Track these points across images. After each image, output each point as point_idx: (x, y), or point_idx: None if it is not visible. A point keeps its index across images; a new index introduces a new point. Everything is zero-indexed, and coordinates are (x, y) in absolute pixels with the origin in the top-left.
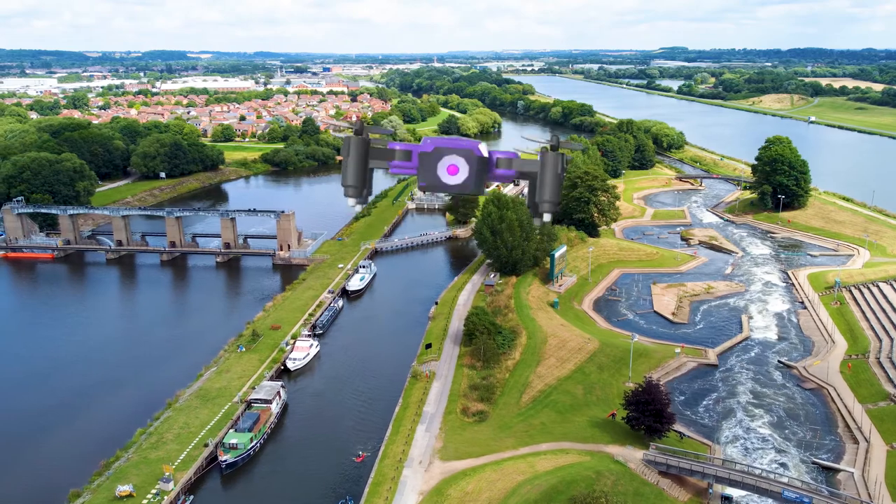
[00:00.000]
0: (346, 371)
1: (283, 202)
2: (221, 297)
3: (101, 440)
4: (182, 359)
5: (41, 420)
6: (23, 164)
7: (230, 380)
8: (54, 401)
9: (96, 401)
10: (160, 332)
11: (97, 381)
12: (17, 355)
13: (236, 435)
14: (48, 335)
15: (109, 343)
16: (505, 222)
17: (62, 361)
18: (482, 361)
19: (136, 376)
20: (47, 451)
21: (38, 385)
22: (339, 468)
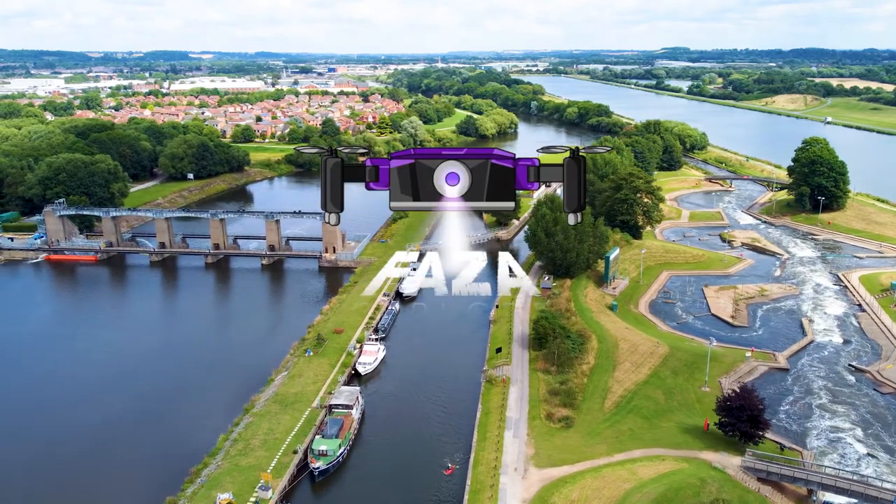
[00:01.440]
0: (414, 374)
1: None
2: (272, 300)
3: (181, 446)
4: (247, 363)
5: (119, 427)
6: (58, 166)
7: (304, 385)
8: (128, 406)
9: (170, 406)
10: (218, 336)
11: (166, 386)
12: (85, 360)
13: (325, 441)
14: (109, 339)
15: (169, 347)
16: (559, 224)
17: (128, 366)
18: (556, 366)
19: (203, 381)
20: (132, 458)
21: (107, 391)
22: (430, 475)
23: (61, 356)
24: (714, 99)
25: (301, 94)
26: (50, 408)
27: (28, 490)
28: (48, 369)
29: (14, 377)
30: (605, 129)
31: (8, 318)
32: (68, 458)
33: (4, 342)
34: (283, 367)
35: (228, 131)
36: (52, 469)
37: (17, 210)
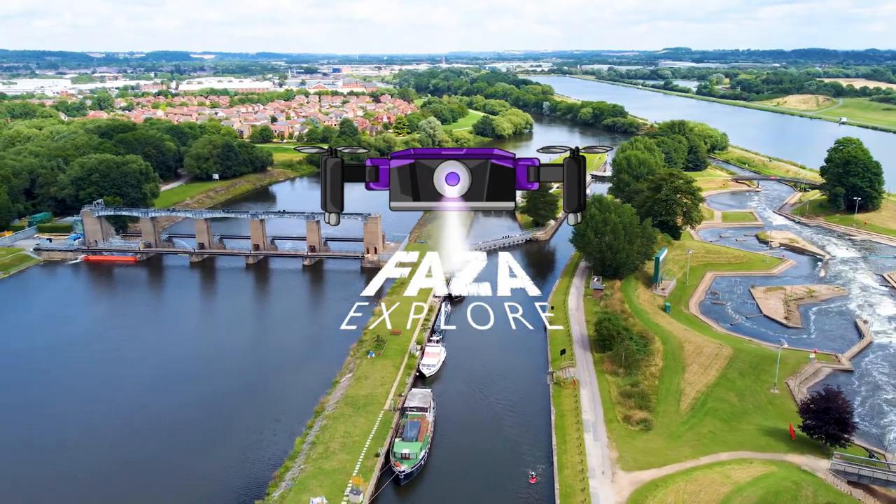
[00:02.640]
0: (477, 376)
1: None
2: (318, 300)
3: (256, 449)
4: (306, 365)
5: (189, 429)
6: (91, 167)
7: (372, 387)
8: (195, 409)
9: (236, 408)
10: (270, 337)
11: (229, 389)
12: (142, 363)
13: (406, 444)
14: (161, 341)
15: (223, 350)
16: (609, 225)
17: (184, 369)
18: (624, 368)
19: (264, 383)
20: (209, 462)
21: (169, 394)
22: (513, 480)
23: (116, 359)
24: (724, 99)
25: (311, 94)
26: (117, 413)
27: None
28: (106, 373)
29: (74, 381)
30: (620, 130)
31: (57, 319)
32: (145, 464)
33: (56, 344)
34: (345, 368)
35: (245, 132)
36: (131, 476)
37: (50, 210)
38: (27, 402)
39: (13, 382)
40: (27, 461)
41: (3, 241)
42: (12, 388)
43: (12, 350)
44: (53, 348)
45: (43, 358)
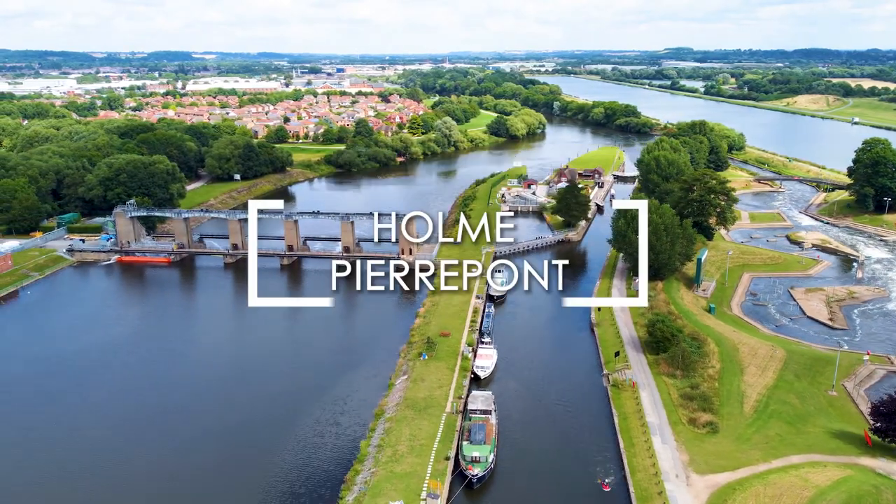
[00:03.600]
0: (530, 377)
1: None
2: (359, 301)
3: (321, 451)
4: (358, 367)
5: (250, 432)
6: (118, 167)
7: (430, 389)
8: (253, 411)
9: (293, 410)
10: (316, 339)
11: (286, 390)
12: (195, 364)
13: (476, 447)
14: (208, 343)
15: (272, 351)
16: (650, 225)
17: (237, 371)
18: (681, 370)
19: (318, 385)
20: (274, 463)
21: (226, 396)
22: (582, 482)
23: (163, 361)
24: (733, 99)
25: (319, 94)
26: (175, 416)
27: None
28: (153, 374)
29: (127, 382)
30: (633, 130)
31: (100, 320)
32: (209, 469)
33: (104, 346)
34: (398, 370)
35: (260, 132)
36: (196, 483)
37: (77, 211)
38: (86, 402)
39: (72, 384)
40: (98, 462)
41: (34, 241)
42: (71, 390)
43: (63, 352)
44: (102, 349)
45: (95, 359)
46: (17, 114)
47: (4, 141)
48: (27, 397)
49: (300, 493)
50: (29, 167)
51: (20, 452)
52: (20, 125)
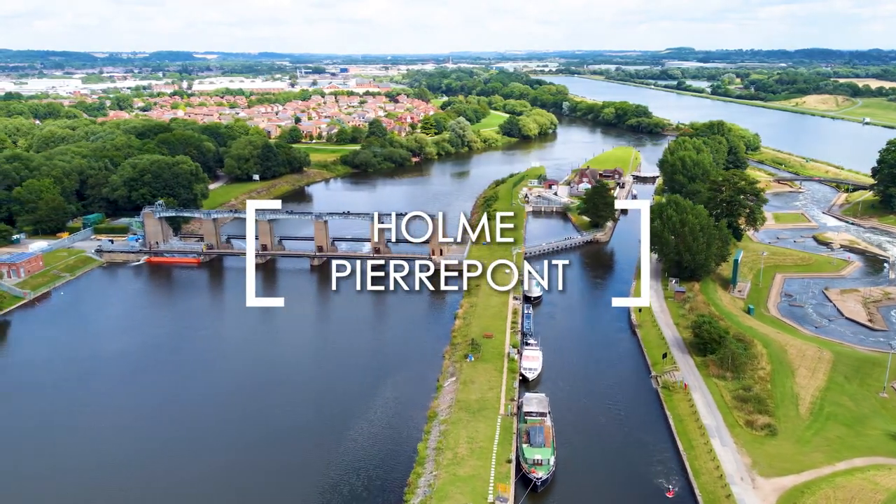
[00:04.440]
0: (577, 379)
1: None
2: (394, 302)
3: (375, 453)
4: (402, 368)
5: (304, 435)
6: (143, 167)
7: (481, 391)
8: (302, 413)
9: (344, 413)
10: (356, 340)
11: (328, 392)
12: (240, 366)
13: (537, 450)
14: (250, 345)
15: (313, 352)
16: (686, 226)
17: (281, 373)
18: (731, 372)
19: (364, 387)
20: (331, 465)
21: (274, 397)
22: (643, 484)
23: (210, 364)
24: (740, 99)
25: (326, 94)
26: (223, 420)
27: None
28: (206, 379)
29: (175, 383)
30: (645, 130)
31: (140, 322)
32: (270, 470)
33: (148, 347)
34: (446, 372)
35: (273, 132)
36: (258, 485)
37: (102, 211)
38: (134, 403)
39: (118, 385)
40: (155, 464)
41: (62, 242)
42: (117, 391)
43: (104, 353)
44: (144, 351)
45: (137, 361)
46: (28, 114)
47: (20, 141)
48: (74, 397)
49: (362, 497)
50: (52, 167)
51: (75, 454)
52: (34, 125)
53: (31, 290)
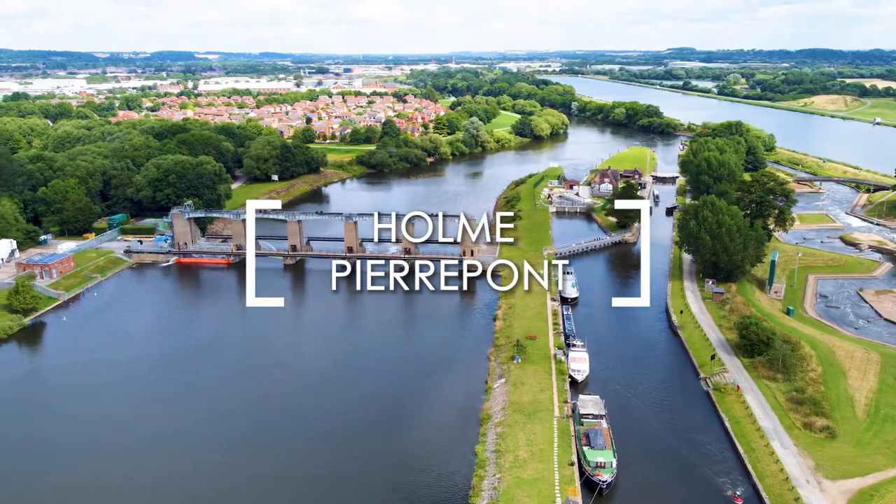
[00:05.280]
0: (624, 380)
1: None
2: (429, 303)
3: (431, 455)
4: (447, 370)
5: (359, 437)
6: (167, 168)
7: (533, 393)
8: (351, 415)
9: (395, 415)
10: (395, 342)
11: (375, 394)
12: (282, 366)
13: (599, 453)
14: (293, 346)
15: (361, 354)
16: (723, 227)
17: (326, 375)
18: (781, 373)
19: (416, 388)
20: (387, 467)
21: (321, 400)
22: (707, 486)
23: (255, 366)
24: (748, 100)
25: (334, 94)
26: (276, 422)
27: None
28: (253, 381)
29: (223, 385)
30: (656, 130)
31: (178, 323)
32: (327, 473)
33: (191, 348)
34: (493, 374)
35: (286, 132)
36: (320, 489)
37: (126, 212)
38: (188, 404)
39: (165, 385)
40: (218, 465)
41: (90, 243)
42: (164, 392)
43: (146, 354)
44: (187, 352)
45: (182, 362)
46: (38, 114)
47: (34, 141)
48: (131, 401)
49: (428, 498)
50: (76, 168)
51: (150, 457)
52: (47, 125)
53: (65, 291)
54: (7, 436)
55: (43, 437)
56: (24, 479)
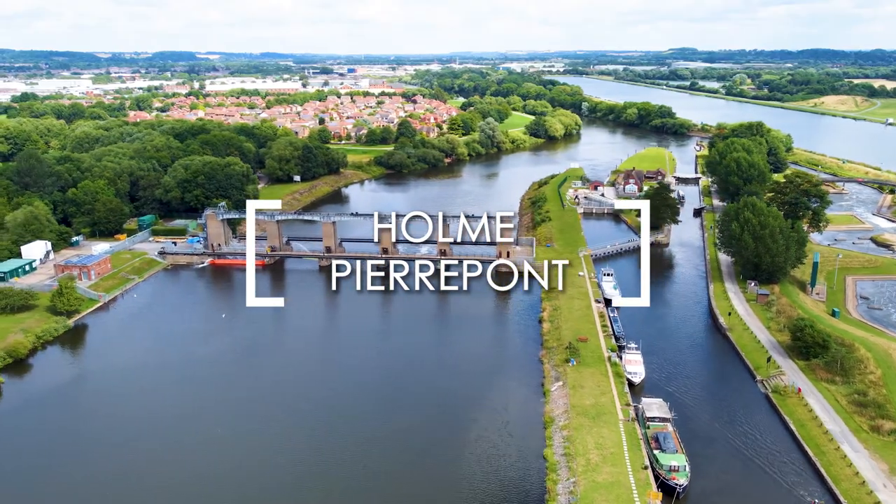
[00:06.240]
0: (679, 383)
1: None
2: (468, 304)
3: (501, 460)
4: (499, 372)
5: (420, 439)
6: (196, 169)
7: (594, 396)
8: (413, 417)
9: (457, 417)
10: (442, 343)
11: (430, 396)
12: (337, 369)
13: (672, 457)
14: (341, 348)
15: (412, 356)
16: (767, 229)
17: (380, 377)
18: (840, 376)
19: (472, 391)
20: (460, 472)
21: (378, 401)
22: (776, 487)
23: (306, 368)
24: (756, 100)
25: (342, 94)
26: (332, 424)
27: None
28: (305, 383)
29: (278, 389)
30: (669, 131)
31: (221, 324)
32: (397, 476)
33: (238, 350)
34: (549, 376)
35: (300, 133)
36: (393, 493)
37: (154, 213)
38: (245, 405)
39: (220, 387)
40: (279, 467)
41: (123, 244)
42: (220, 394)
43: (198, 356)
44: (237, 353)
45: (235, 363)
46: (50, 114)
47: (52, 142)
48: (188, 403)
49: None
50: (103, 169)
51: (212, 460)
52: (64, 126)
53: (105, 293)
54: (69, 439)
55: (105, 438)
56: (99, 478)
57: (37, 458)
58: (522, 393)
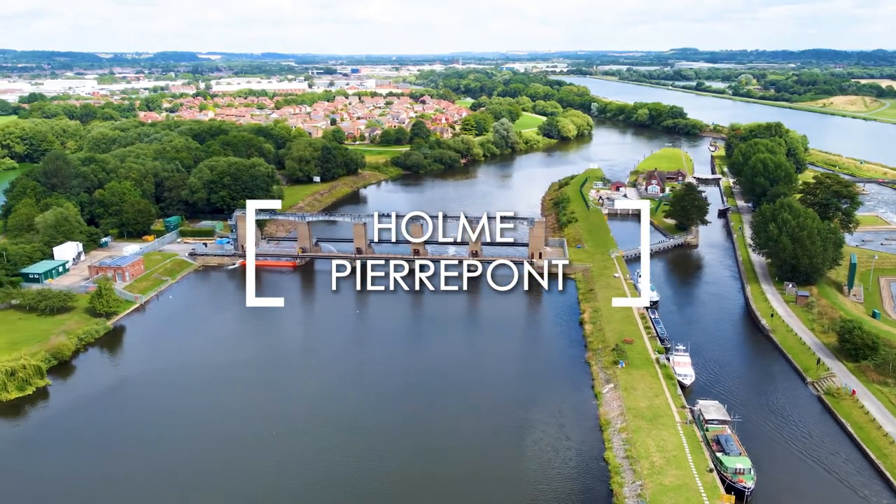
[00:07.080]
0: (727, 384)
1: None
2: (501, 305)
3: (563, 464)
4: (546, 375)
5: (482, 442)
6: (221, 170)
7: (648, 398)
8: (467, 419)
9: (511, 419)
10: (488, 342)
11: (482, 400)
12: (382, 373)
13: (737, 459)
14: (382, 350)
15: (453, 359)
16: (805, 230)
17: (430, 380)
18: (893, 377)
19: (523, 394)
20: (523, 476)
21: (428, 404)
22: (842, 489)
23: (349, 371)
24: (764, 100)
25: (350, 95)
26: (382, 428)
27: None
28: (353, 386)
29: (325, 393)
30: (681, 132)
31: (261, 326)
32: (457, 481)
33: (281, 352)
34: (598, 379)
35: (313, 133)
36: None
37: (180, 214)
38: (293, 406)
39: (268, 389)
40: (329, 469)
41: (152, 245)
42: (275, 395)
43: (242, 358)
44: (279, 356)
45: (278, 366)
46: (61, 115)
47: (68, 143)
48: (239, 405)
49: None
50: (128, 170)
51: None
52: (80, 127)
53: (141, 294)
54: (121, 440)
55: (163, 436)
56: (157, 477)
57: (92, 459)
58: (574, 395)
